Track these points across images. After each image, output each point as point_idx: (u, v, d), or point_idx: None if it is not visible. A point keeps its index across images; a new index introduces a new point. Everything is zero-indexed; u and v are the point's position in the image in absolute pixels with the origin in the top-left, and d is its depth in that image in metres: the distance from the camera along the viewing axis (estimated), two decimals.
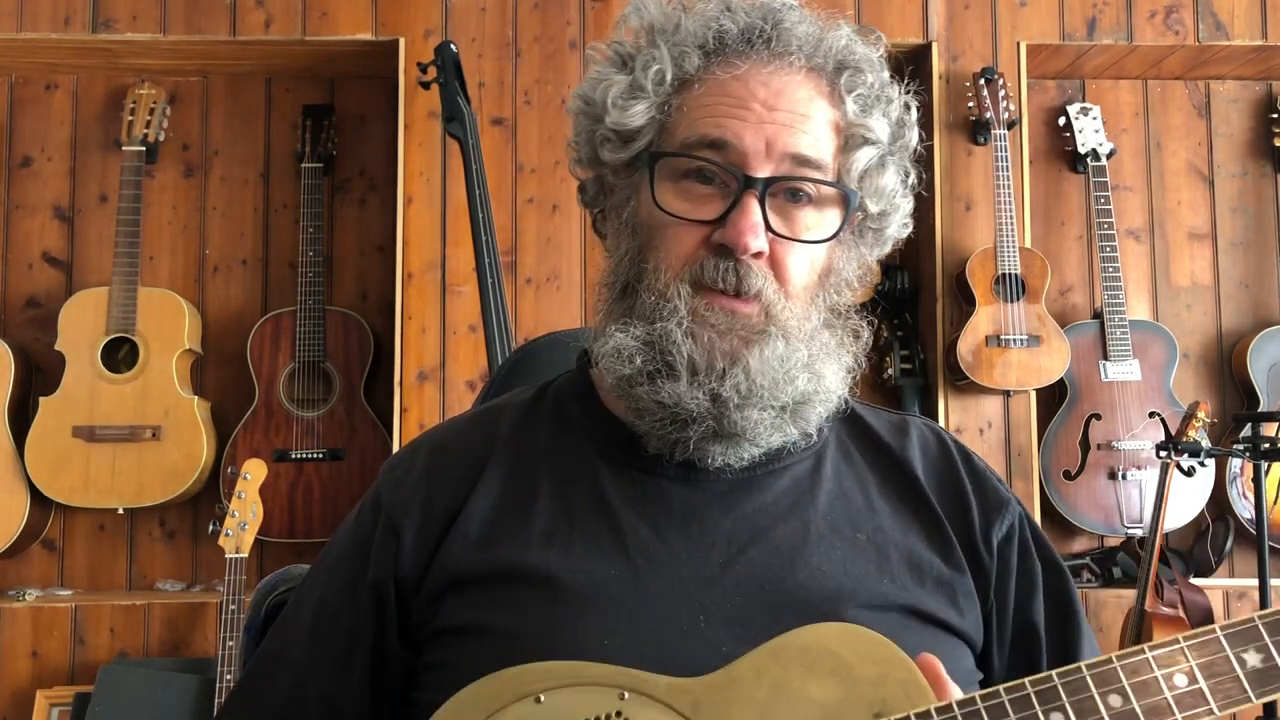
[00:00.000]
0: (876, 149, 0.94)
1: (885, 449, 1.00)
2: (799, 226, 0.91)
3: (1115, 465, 3.19)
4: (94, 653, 3.00)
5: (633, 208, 0.95)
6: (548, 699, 0.72)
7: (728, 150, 0.89)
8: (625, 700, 0.71)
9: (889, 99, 0.96)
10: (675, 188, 0.91)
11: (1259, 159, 3.52)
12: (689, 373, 0.88)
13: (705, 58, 0.92)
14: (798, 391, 0.90)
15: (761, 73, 0.91)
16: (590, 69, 0.98)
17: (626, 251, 0.94)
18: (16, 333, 3.31)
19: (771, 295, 0.90)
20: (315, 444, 3.15)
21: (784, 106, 0.90)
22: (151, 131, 3.25)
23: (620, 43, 0.97)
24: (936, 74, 3.21)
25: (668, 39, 0.93)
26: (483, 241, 2.56)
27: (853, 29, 0.97)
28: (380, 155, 3.40)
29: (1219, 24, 3.27)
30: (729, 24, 0.92)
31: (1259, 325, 3.39)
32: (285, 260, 3.39)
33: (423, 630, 0.93)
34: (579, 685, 0.72)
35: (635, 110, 0.92)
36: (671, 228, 0.91)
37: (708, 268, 0.89)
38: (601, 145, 0.95)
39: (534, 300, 3.13)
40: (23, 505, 3.07)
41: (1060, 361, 3.13)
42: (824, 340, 0.94)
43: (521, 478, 0.96)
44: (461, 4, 3.19)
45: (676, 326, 0.88)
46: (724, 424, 0.89)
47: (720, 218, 0.89)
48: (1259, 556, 2.63)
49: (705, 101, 0.91)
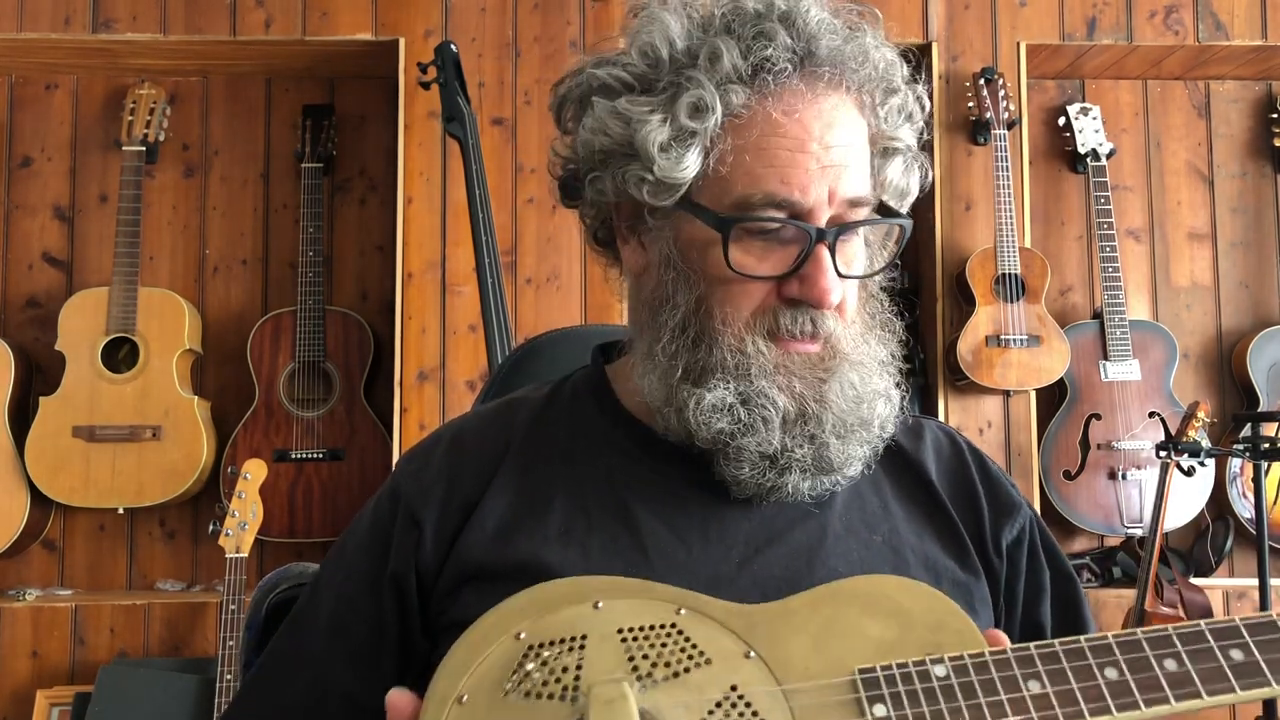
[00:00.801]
0: (906, 155, 0.95)
1: (899, 451, 0.99)
2: (858, 262, 0.92)
3: (1115, 465, 3.19)
4: (94, 653, 3.00)
5: (677, 252, 0.91)
6: (605, 605, 0.73)
7: (794, 206, 0.87)
8: (681, 615, 0.72)
9: (915, 103, 0.96)
10: (738, 246, 0.88)
11: (1259, 159, 3.52)
12: (782, 425, 0.88)
13: (751, 94, 0.87)
14: (881, 419, 0.92)
15: (812, 106, 0.87)
16: (600, 99, 0.91)
17: (684, 301, 0.91)
18: (16, 333, 3.31)
19: (839, 331, 0.90)
20: (315, 444, 3.16)
21: (837, 141, 0.88)
22: (151, 131, 3.25)
23: (640, 66, 0.90)
24: (936, 74, 3.21)
25: (705, 71, 0.87)
26: (483, 241, 2.56)
27: (873, 34, 0.94)
28: (380, 155, 3.41)
29: (1219, 24, 3.27)
30: (774, 57, 0.86)
31: (1259, 325, 3.40)
32: (285, 260, 3.39)
33: (439, 622, 0.92)
34: (637, 598, 0.74)
35: (688, 160, 0.87)
36: (738, 284, 0.88)
37: (784, 320, 0.88)
38: (638, 186, 0.89)
39: (534, 300, 3.13)
40: (23, 505, 3.08)
41: (1060, 361, 3.13)
42: (875, 348, 0.94)
43: (538, 474, 0.95)
44: (461, 4, 3.19)
45: (767, 383, 0.88)
46: (824, 463, 0.89)
47: (792, 271, 0.88)
48: (1259, 556, 2.63)
49: (761, 146, 0.87)
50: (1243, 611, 3.08)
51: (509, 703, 0.69)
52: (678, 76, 0.88)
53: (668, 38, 0.89)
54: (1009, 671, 0.66)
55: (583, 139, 0.92)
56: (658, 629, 0.72)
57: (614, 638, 0.71)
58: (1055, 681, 0.65)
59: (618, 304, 3.12)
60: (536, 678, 0.70)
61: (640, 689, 0.68)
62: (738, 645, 0.71)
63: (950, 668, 0.67)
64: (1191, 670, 0.65)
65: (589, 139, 0.91)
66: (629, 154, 0.89)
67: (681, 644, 0.71)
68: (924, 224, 3.26)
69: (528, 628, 0.73)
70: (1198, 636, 0.66)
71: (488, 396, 1.34)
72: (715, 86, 0.86)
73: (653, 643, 0.71)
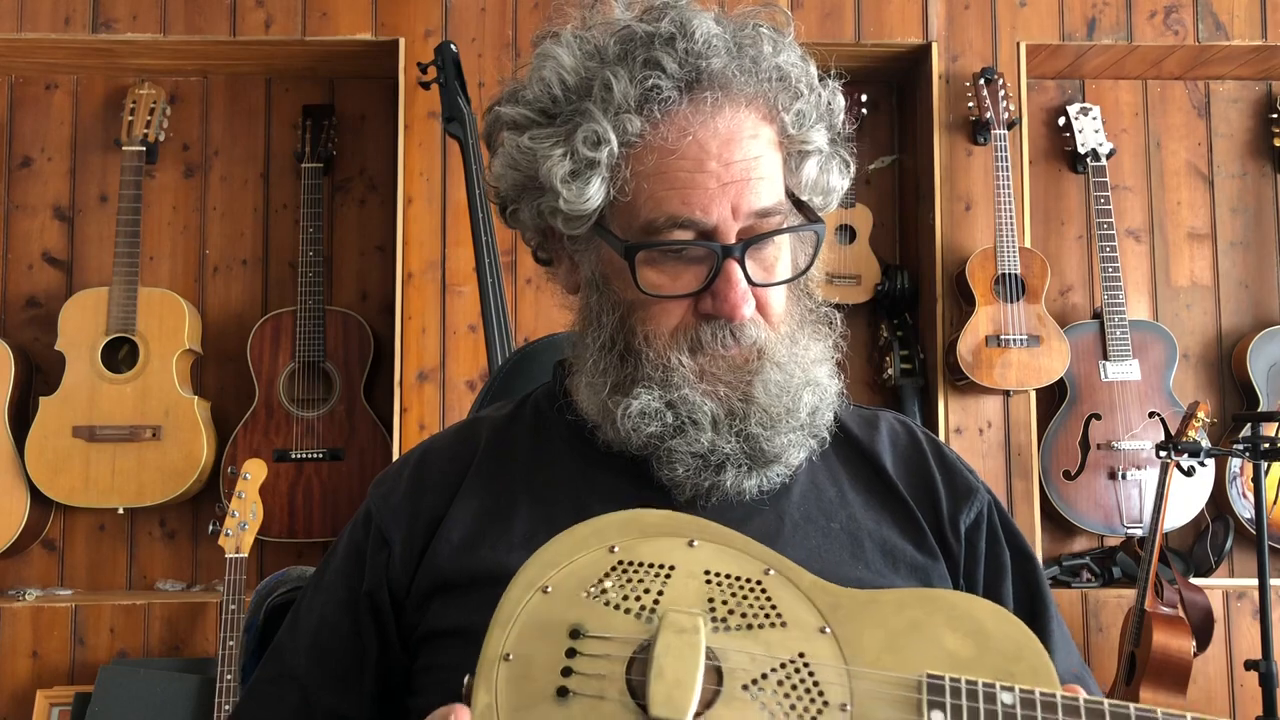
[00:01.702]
0: (820, 155, 0.96)
1: (854, 442, 1.02)
2: (771, 265, 0.93)
3: (1115, 465, 3.19)
4: (94, 653, 3.00)
5: (600, 274, 0.95)
6: (699, 546, 0.75)
7: (697, 225, 0.89)
8: (769, 575, 0.74)
9: (820, 98, 0.95)
10: (651, 267, 0.91)
11: (1259, 159, 3.52)
12: (712, 426, 0.91)
13: (646, 122, 0.89)
14: (809, 407, 0.93)
15: (707, 125, 0.89)
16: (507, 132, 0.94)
17: (609, 321, 0.94)
18: (16, 333, 3.32)
19: (764, 337, 0.93)
20: (315, 444, 3.16)
21: (737, 156, 0.89)
22: (151, 131, 3.25)
23: (539, 100, 0.93)
24: (936, 74, 3.21)
25: (598, 103, 0.89)
26: (483, 241, 2.56)
27: (770, 30, 0.93)
28: (380, 155, 3.41)
29: (1219, 24, 3.27)
30: (664, 86, 0.88)
31: (1259, 325, 3.40)
32: (285, 260, 3.39)
33: (414, 634, 0.95)
34: (732, 548, 0.75)
35: (591, 191, 0.90)
36: (656, 304, 0.91)
37: (704, 335, 0.91)
38: (552, 216, 0.93)
39: (534, 300, 3.13)
40: (23, 505, 3.08)
41: (1060, 361, 3.13)
42: (806, 345, 0.95)
43: (501, 485, 0.98)
44: (461, 4, 3.19)
45: (691, 390, 0.91)
46: (756, 456, 0.92)
47: (704, 288, 0.90)
48: (1259, 556, 2.63)
49: (661, 170, 0.89)
50: (1243, 611, 3.08)
51: (586, 603, 0.72)
52: (573, 109, 0.90)
53: (559, 73, 0.91)
54: (1074, 708, 0.66)
55: (496, 173, 0.96)
56: (743, 581, 0.73)
57: (700, 577, 0.73)
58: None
59: None
60: (617, 592, 0.72)
61: (712, 629, 0.70)
62: (816, 619, 0.72)
63: (1019, 698, 0.67)
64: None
65: (502, 173, 0.95)
66: (539, 186, 0.92)
67: (762, 601, 0.72)
68: (924, 224, 3.27)
69: (622, 545, 0.75)
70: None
71: (485, 400, 1.35)
72: (609, 117, 0.89)
73: (735, 592, 0.72)
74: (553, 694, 0.67)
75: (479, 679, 0.69)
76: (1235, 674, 3.05)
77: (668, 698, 0.65)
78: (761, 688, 0.68)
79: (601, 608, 0.71)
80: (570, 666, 0.68)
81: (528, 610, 0.72)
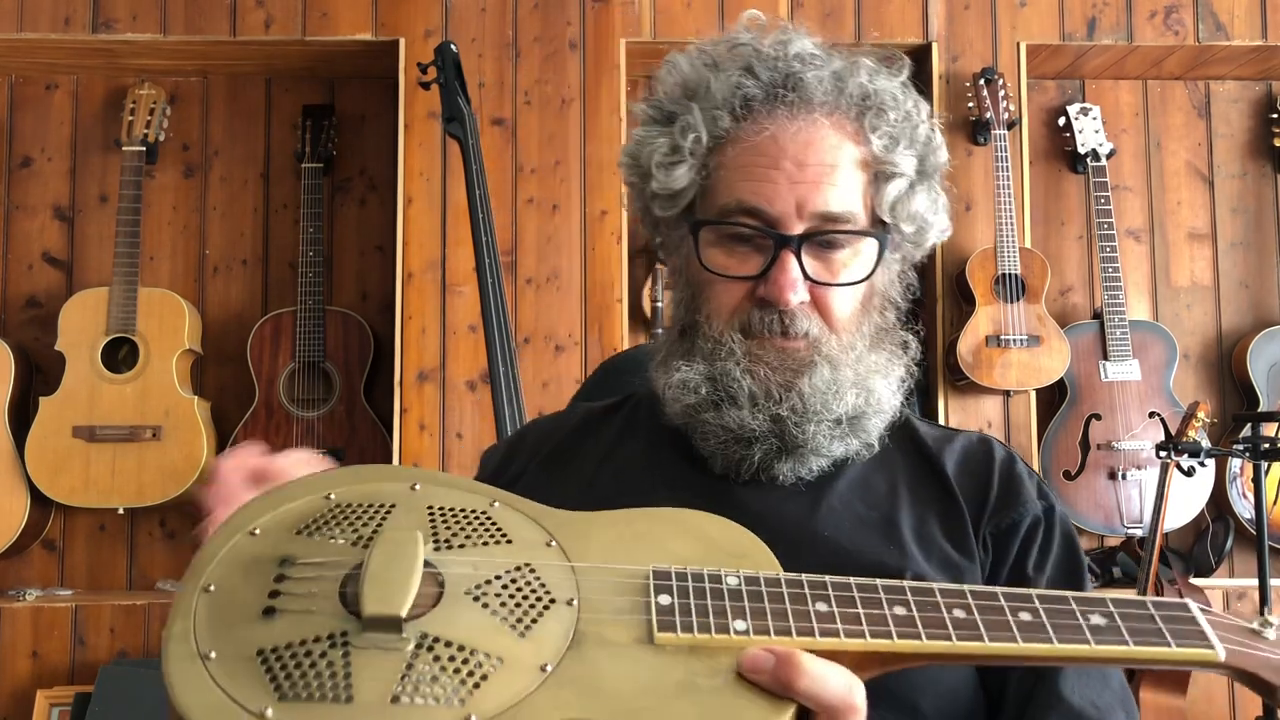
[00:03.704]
0: (904, 180, 1.00)
1: (923, 448, 1.05)
2: (837, 269, 0.98)
3: (1115, 465, 3.19)
4: (94, 653, 3.00)
5: (683, 257, 1.04)
6: (422, 489, 0.74)
7: (762, 214, 0.96)
8: (494, 506, 0.74)
9: (914, 128, 1.01)
10: (718, 248, 0.99)
11: (1259, 159, 3.52)
12: (750, 403, 0.96)
13: (734, 120, 0.99)
14: (849, 405, 0.98)
15: (788, 129, 0.97)
16: (635, 128, 1.06)
17: (681, 299, 1.04)
18: (16, 333, 3.32)
19: (817, 332, 0.98)
20: (315, 444, 3.15)
21: (812, 160, 0.96)
22: (151, 131, 3.25)
23: (659, 101, 1.04)
24: (936, 74, 3.21)
25: (699, 101, 1.00)
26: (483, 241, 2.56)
27: (875, 61, 1.02)
28: (380, 155, 3.41)
29: (1219, 24, 3.27)
30: (752, 88, 0.98)
31: (1259, 325, 3.39)
32: (285, 260, 3.39)
33: None
34: (458, 489, 0.74)
35: (677, 174, 1.00)
36: (719, 283, 0.99)
37: (754, 318, 0.98)
38: (651, 201, 1.04)
39: (534, 300, 3.13)
40: (23, 505, 3.08)
41: (1060, 361, 3.13)
42: (871, 360, 1.00)
43: (579, 460, 1.08)
44: (461, 4, 3.19)
45: (735, 365, 0.97)
46: (786, 439, 0.97)
47: (761, 274, 0.97)
48: (1259, 556, 2.63)
49: (740, 163, 0.98)
50: (1243, 612, 3.08)
51: (298, 539, 0.69)
52: (680, 107, 1.02)
53: (676, 77, 1.04)
54: (799, 590, 0.68)
55: (622, 162, 1.08)
56: (467, 513, 0.72)
57: (422, 511, 0.71)
58: (842, 605, 0.67)
59: (617, 305, 3.13)
60: (333, 528, 0.69)
61: (433, 549, 0.68)
62: (541, 535, 0.71)
63: (743, 579, 0.68)
64: (979, 619, 0.67)
65: (624, 162, 1.07)
66: (644, 173, 1.03)
67: (487, 525, 0.71)
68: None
69: (339, 492, 0.73)
70: (990, 595, 0.69)
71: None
72: (704, 113, 0.99)
73: (459, 521, 0.71)
74: (258, 614, 0.64)
75: (174, 610, 0.65)
76: None
77: (381, 597, 0.62)
78: (485, 592, 0.65)
79: (315, 541, 0.69)
80: (278, 590, 0.65)
81: (233, 550, 0.69)
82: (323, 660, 0.60)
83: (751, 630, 0.64)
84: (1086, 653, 0.67)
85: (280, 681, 0.59)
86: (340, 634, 0.61)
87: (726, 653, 0.63)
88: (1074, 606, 0.68)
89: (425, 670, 0.59)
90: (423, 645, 0.61)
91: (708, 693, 0.61)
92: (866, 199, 0.99)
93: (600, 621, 0.65)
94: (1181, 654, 0.67)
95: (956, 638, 0.66)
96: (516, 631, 0.63)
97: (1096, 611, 0.68)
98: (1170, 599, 0.70)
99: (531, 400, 2.99)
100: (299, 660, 0.60)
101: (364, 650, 0.60)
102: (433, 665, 0.60)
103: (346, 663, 0.60)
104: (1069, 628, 0.67)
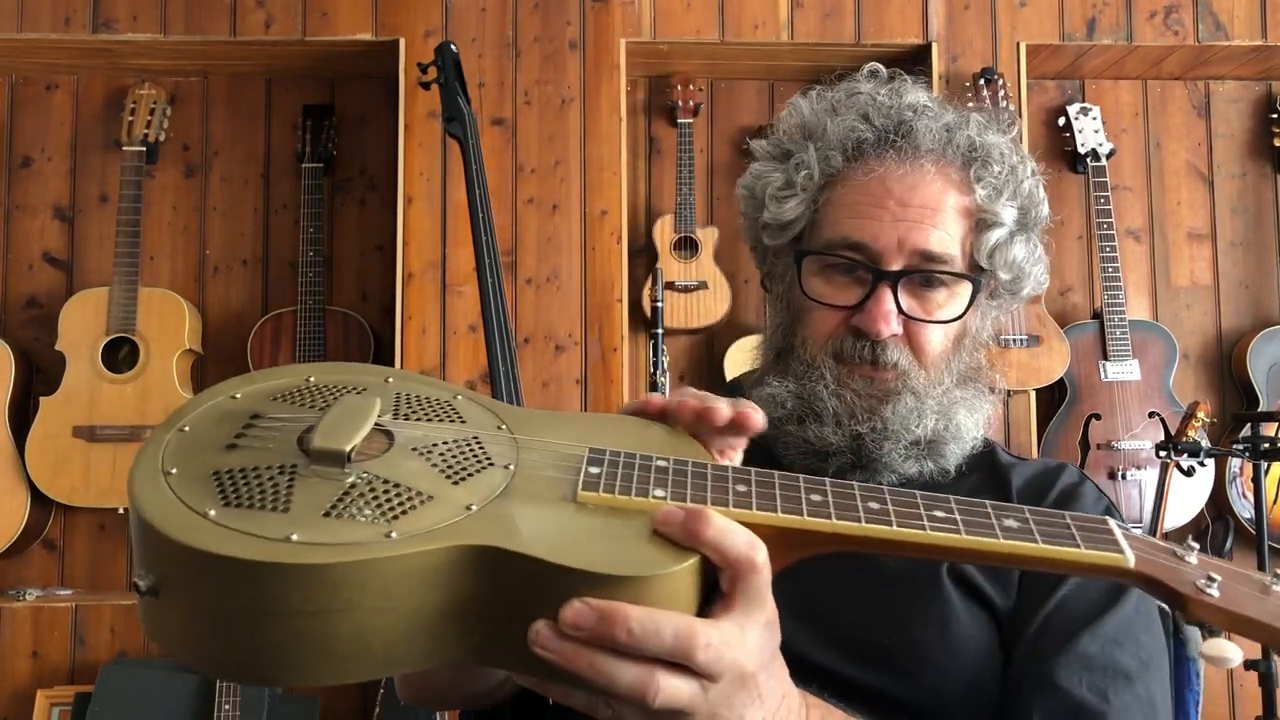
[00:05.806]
0: (1004, 229, 1.06)
1: (996, 471, 1.09)
2: (931, 307, 1.04)
3: (1115, 465, 3.19)
4: (94, 653, 3.00)
5: (787, 285, 1.10)
6: (395, 381, 0.80)
7: (864, 249, 1.03)
8: (458, 399, 0.79)
9: (1018, 182, 1.08)
10: (820, 277, 1.06)
11: (1259, 159, 3.52)
12: (833, 421, 1.03)
13: (846, 160, 1.06)
14: (928, 430, 1.03)
15: (895, 172, 1.04)
16: (753, 163, 1.15)
17: (781, 323, 1.11)
18: (17, 333, 3.32)
19: (905, 364, 1.03)
20: None
21: (915, 203, 1.03)
22: (152, 131, 3.25)
23: (778, 139, 1.12)
24: (936, 74, 3.21)
25: (815, 141, 1.08)
26: (483, 241, 2.56)
27: (985, 117, 1.09)
28: (380, 155, 3.41)
29: (1219, 24, 3.27)
30: (865, 132, 1.05)
31: (1259, 325, 3.40)
32: (285, 260, 3.39)
33: None
34: (428, 386, 0.80)
35: (788, 206, 1.08)
36: (818, 310, 1.05)
37: (847, 345, 1.04)
38: (763, 230, 1.11)
39: (534, 300, 3.13)
40: (23, 505, 3.08)
41: (1060, 361, 3.13)
42: (958, 394, 1.06)
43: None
44: (461, 4, 3.19)
45: (824, 389, 1.03)
46: (861, 454, 1.02)
47: (859, 304, 1.03)
48: (1259, 556, 2.63)
49: (847, 200, 1.05)
50: None
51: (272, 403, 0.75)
52: (795, 145, 1.10)
53: (797, 119, 1.12)
54: (723, 473, 0.71)
55: (739, 194, 1.16)
56: (433, 401, 0.78)
57: (390, 395, 0.77)
58: (761, 488, 0.70)
59: (617, 305, 3.13)
60: (306, 399, 0.76)
61: (391, 419, 0.74)
62: (495, 421, 0.77)
63: (672, 462, 0.72)
64: (891, 509, 0.69)
65: (740, 194, 1.15)
66: (758, 204, 1.11)
67: (447, 410, 0.77)
68: None
69: (318, 377, 0.79)
70: (909, 495, 0.71)
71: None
72: (818, 152, 1.07)
73: (422, 405, 0.77)
74: (221, 447, 0.70)
75: (148, 441, 0.71)
76: (1235, 674, 3.05)
77: (329, 434, 0.68)
78: (430, 450, 0.71)
79: (287, 405, 0.75)
80: (244, 433, 0.71)
81: (212, 406, 0.75)
82: (269, 482, 0.66)
83: (670, 497, 0.68)
84: (992, 546, 0.68)
85: (228, 493, 0.65)
86: (290, 465, 0.68)
87: (643, 515, 0.67)
88: (990, 509, 0.70)
89: (360, 498, 0.65)
90: (363, 479, 0.67)
91: (619, 539, 0.65)
92: (966, 244, 1.05)
93: (531, 480, 0.70)
94: (1090, 555, 0.67)
95: (865, 520, 0.68)
96: (451, 480, 0.68)
97: (1012, 515, 0.70)
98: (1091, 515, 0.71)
99: (532, 400, 2.99)
100: (249, 480, 0.66)
101: (308, 478, 0.67)
102: (367, 493, 0.66)
103: (290, 485, 0.66)
104: (980, 525, 0.69)
